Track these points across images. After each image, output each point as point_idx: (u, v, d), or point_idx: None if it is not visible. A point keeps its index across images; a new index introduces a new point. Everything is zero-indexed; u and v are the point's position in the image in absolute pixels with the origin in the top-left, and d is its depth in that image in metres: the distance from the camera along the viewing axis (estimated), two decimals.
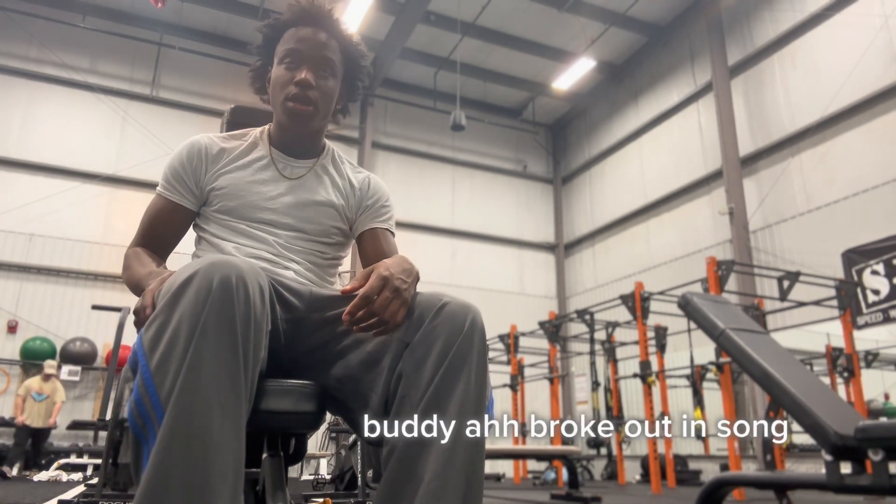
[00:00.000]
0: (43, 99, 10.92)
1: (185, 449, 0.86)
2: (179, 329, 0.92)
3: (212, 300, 0.93)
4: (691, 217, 11.32)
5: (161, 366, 0.91)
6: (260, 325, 0.99)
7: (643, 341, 7.71)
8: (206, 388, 0.89)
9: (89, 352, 9.93)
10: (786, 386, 2.35)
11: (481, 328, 1.11)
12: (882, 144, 8.32)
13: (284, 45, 1.37)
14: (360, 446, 3.98)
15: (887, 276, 7.91)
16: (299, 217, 1.39)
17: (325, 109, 1.39)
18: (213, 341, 0.92)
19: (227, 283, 0.95)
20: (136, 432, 0.93)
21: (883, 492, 2.05)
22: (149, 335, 0.95)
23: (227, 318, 0.93)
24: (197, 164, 1.38)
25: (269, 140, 1.45)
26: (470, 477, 1.02)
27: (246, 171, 1.39)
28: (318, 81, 1.35)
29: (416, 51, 12.57)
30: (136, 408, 0.92)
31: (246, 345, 0.95)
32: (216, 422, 0.89)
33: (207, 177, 1.38)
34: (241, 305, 0.95)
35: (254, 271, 1.02)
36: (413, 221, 13.06)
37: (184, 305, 0.94)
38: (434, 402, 1.03)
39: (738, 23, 10.83)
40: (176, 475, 0.85)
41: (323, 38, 1.37)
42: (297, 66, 1.35)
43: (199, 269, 0.96)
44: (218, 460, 0.88)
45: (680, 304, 3.02)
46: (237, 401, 0.92)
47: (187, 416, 0.87)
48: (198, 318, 0.92)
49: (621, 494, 6.63)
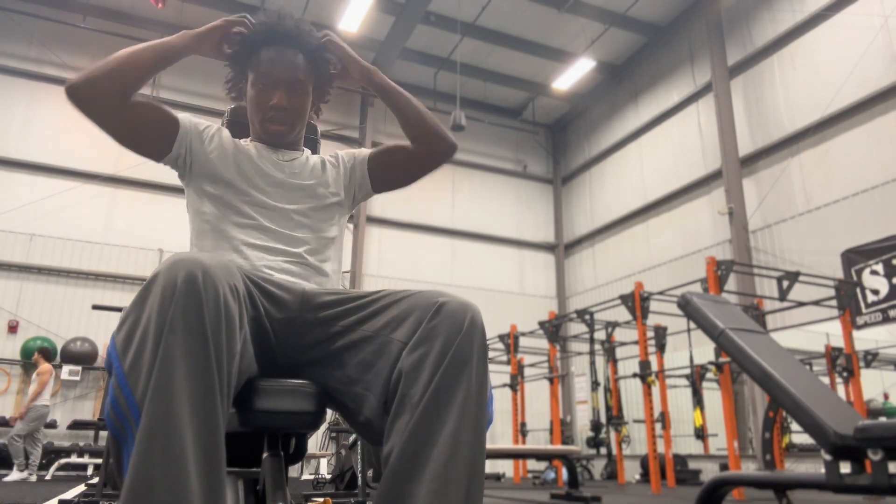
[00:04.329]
0: (43, 99, 10.92)
1: (164, 449, 0.85)
2: (148, 328, 0.92)
3: (177, 296, 0.92)
4: (691, 217, 11.33)
5: (134, 366, 0.91)
6: (232, 320, 0.98)
7: (643, 341, 7.72)
8: (178, 386, 0.88)
9: (90, 352, 9.93)
10: (785, 386, 2.35)
11: (481, 327, 1.11)
12: (882, 144, 8.33)
13: (257, 68, 1.44)
14: (360, 446, 3.98)
15: (887, 276, 7.91)
16: (296, 195, 1.46)
17: (300, 122, 1.51)
18: (181, 338, 0.91)
19: (191, 278, 0.94)
20: (115, 434, 0.93)
21: (882, 491, 2.06)
22: (121, 336, 0.95)
23: (194, 313, 0.92)
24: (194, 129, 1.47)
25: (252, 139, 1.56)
26: (471, 476, 1.01)
27: (235, 147, 1.47)
28: (291, 101, 1.45)
29: (416, 51, 12.57)
30: (112, 410, 0.92)
31: (217, 339, 0.94)
32: (190, 420, 0.88)
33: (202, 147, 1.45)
34: (210, 301, 0.94)
35: (222, 267, 1.01)
36: (413, 221, 13.06)
37: (151, 304, 0.93)
38: (434, 401, 1.03)
39: (737, 23, 10.83)
40: (157, 475, 0.84)
41: (292, 58, 1.45)
42: (271, 88, 1.43)
43: (163, 268, 0.96)
44: (197, 457, 0.87)
45: (680, 304, 3.02)
46: (211, 397, 0.91)
47: (163, 416, 0.87)
48: (164, 316, 0.91)
49: (621, 494, 6.63)
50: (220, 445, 0.91)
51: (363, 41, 11.98)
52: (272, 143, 1.50)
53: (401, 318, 1.15)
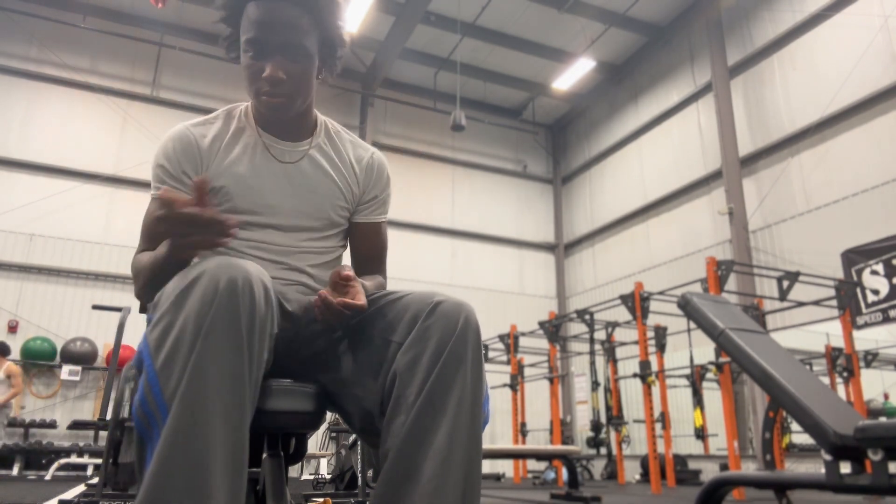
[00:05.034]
0: (43, 99, 10.92)
1: (188, 449, 0.86)
2: (185, 329, 0.92)
3: (218, 301, 0.92)
4: (691, 217, 11.33)
5: (166, 365, 0.91)
6: (264, 328, 0.99)
7: (643, 341, 7.72)
8: (210, 389, 0.89)
9: (89, 352, 9.93)
10: (785, 386, 2.35)
11: (476, 326, 1.10)
12: (881, 144, 8.33)
13: (246, 31, 1.22)
14: (360, 446, 3.98)
15: (887, 276, 7.91)
16: (303, 212, 1.33)
17: (304, 92, 1.27)
18: (218, 342, 0.91)
19: (233, 284, 0.94)
20: (141, 431, 0.93)
21: (882, 491, 2.06)
22: (154, 334, 0.95)
23: (233, 319, 0.93)
24: (193, 157, 1.29)
25: (255, 120, 1.35)
26: (468, 477, 1.01)
27: (242, 164, 1.30)
28: (288, 68, 1.21)
29: (416, 51, 12.57)
30: (140, 407, 0.92)
31: (251, 347, 0.95)
32: (219, 423, 0.89)
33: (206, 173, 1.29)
34: (247, 307, 0.95)
35: (260, 274, 1.01)
36: (413, 221, 13.05)
37: (190, 305, 0.93)
38: (429, 402, 1.03)
39: (737, 23, 10.83)
40: (178, 475, 0.85)
41: (286, 15, 1.20)
42: (262, 56, 1.21)
43: (206, 270, 0.96)
44: (220, 462, 0.87)
45: (680, 304, 3.02)
46: (241, 402, 0.92)
47: (191, 417, 0.87)
48: (203, 319, 0.91)
49: (621, 494, 6.63)
50: (245, 451, 0.92)
51: (363, 41, 11.98)
52: (275, 119, 1.31)
53: (396, 319, 1.14)
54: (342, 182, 1.37)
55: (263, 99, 1.23)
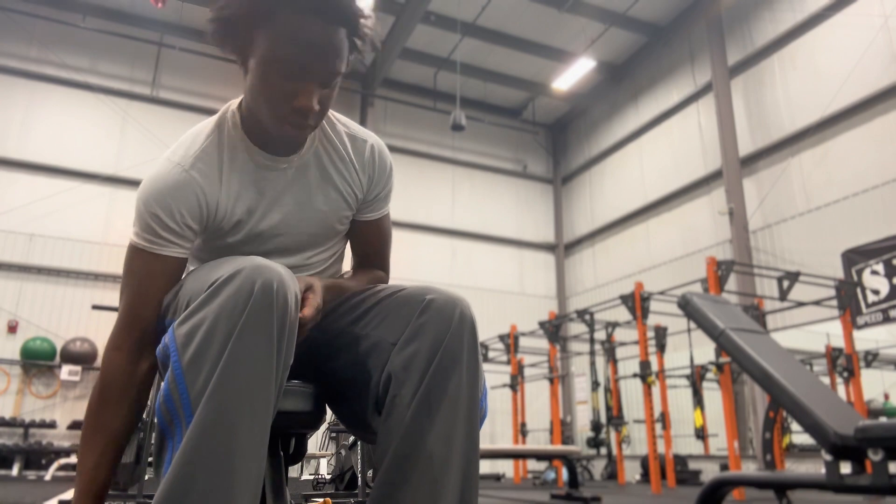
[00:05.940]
0: (43, 99, 10.92)
1: (212, 451, 0.85)
2: (215, 327, 0.90)
3: (253, 302, 0.91)
4: (691, 217, 11.33)
5: (194, 362, 0.89)
6: (293, 332, 0.98)
7: (643, 341, 7.71)
8: (239, 391, 0.88)
9: (89, 352, 9.93)
10: (786, 386, 2.35)
11: (471, 321, 1.08)
12: (882, 144, 8.33)
13: (282, 44, 1.00)
14: (360, 446, 3.98)
15: (887, 276, 7.91)
16: (309, 233, 1.26)
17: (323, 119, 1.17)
18: (251, 344, 0.90)
19: (268, 286, 0.93)
20: (163, 427, 0.92)
21: (883, 491, 2.05)
22: (183, 330, 0.93)
23: (267, 321, 0.92)
24: (198, 208, 1.13)
25: (246, 130, 1.19)
26: (465, 477, 1.01)
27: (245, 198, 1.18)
28: (321, 95, 1.06)
29: (416, 51, 12.57)
30: (164, 403, 0.91)
31: (280, 350, 0.94)
32: (245, 425, 0.87)
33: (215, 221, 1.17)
34: (281, 310, 0.94)
35: (291, 278, 1.00)
36: (413, 221, 13.06)
37: (222, 304, 0.91)
38: (425, 401, 1.02)
39: (737, 23, 10.83)
40: (200, 477, 0.84)
41: (333, 39, 1.02)
42: (300, 80, 1.02)
43: (242, 269, 0.94)
44: (243, 465, 0.86)
45: (680, 304, 3.02)
46: (267, 406, 0.91)
47: (218, 417, 0.86)
48: (237, 319, 0.90)
49: (621, 494, 6.63)
50: (265, 453, 0.91)
51: None
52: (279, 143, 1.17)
53: (390, 317, 1.13)
54: (345, 189, 1.26)
55: (287, 127, 1.06)
